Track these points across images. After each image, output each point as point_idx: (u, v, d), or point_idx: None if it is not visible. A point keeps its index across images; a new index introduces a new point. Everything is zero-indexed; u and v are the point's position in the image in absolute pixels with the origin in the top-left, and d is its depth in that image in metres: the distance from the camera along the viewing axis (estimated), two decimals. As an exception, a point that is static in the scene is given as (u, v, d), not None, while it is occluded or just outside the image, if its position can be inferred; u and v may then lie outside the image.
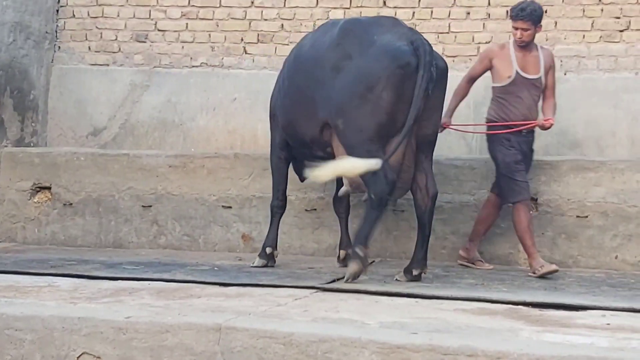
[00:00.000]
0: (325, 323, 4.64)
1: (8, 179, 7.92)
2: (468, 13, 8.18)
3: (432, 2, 8.22)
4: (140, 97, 8.75)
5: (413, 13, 8.26)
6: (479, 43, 8.11)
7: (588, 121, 7.71)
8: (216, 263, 6.78)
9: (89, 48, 8.91)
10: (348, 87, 5.94)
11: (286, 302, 5.20)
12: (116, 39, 8.85)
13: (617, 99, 7.86)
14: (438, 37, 8.17)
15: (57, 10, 8.95)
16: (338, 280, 5.99)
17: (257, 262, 6.61)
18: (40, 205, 7.86)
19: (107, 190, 7.73)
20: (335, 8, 8.35)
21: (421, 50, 5.82)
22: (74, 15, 8.94)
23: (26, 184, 7.89)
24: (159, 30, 8.76)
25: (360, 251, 5.78)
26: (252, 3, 8.59)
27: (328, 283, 5.86)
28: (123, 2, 8.83)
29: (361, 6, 8.34)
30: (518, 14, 6.59)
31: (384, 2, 8.32)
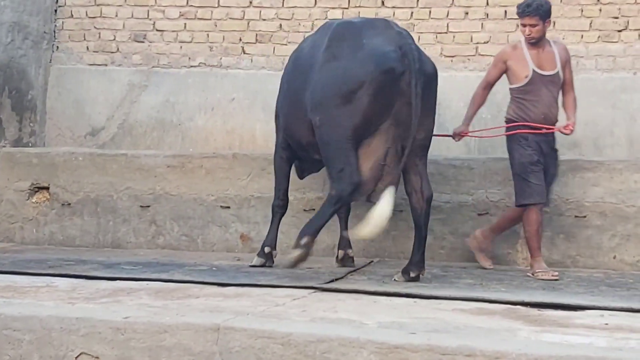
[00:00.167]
0: (323, 323, 4.64)
1: (6, 179, 7.92)
2: (466, 13, 8.18)
3: (431, 2, 8.22)
4: (138, 97, 8.75)
5: (411, 13, 8.26)
6: (478, 43, 8.12)
7: (586, 121, 7.71)
8: (214, 263, 6.78)
9: (87, 48, 8.91)
10: (329, 86, 5.95)
11: (284, 302, 5.20)
12: (114, 39, 8.85)
13: (616, 99, 7.86)
14: (436, 37, 8.17)
15: (55, 10, 8.95)
16: (336, 280, 6.00)
17: (256, 261, 6.62)
18: (38, 205, 7.86)
19: (106, 190, 7.73)
20: (333, 8, 8.35)
21: (410, 57, 5.81)
22: (72, 15, 8.94)
23: (24, 184, 7.88)
24: (157, 30, 8.76)
25: (305, 240, 5.83)
26: (251, 3, 8.59)
27: (326, 283, 5.86)
28: (121, 2, 8.83)
29: (359, 6, 8.33)
30: (524, 11, 6.49)
31: (382, 2, 8.32)
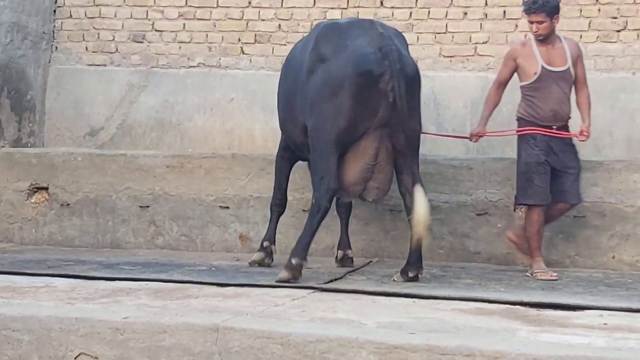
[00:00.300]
0: (322, 323, 4.64)
1: (5, 180, 7.92)
2: (465, 13, 8.18)
3: (430, 2, 8.22)
4: (137, 98, 8.75)
5: (410, 13, 8.26)
6: (476, 43, 8.12)
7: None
8: (214, 263, 6.78)
9: (86, 48, 8.91)
10: (316, 90, 5.97)
11: (284, 303, 5.21)
12: (113, 39, 8.85)
13: (614, 99, 7.86)
14: (435, 37, 8.17)
15: (55, 10, 8.95)
16: (336, 280, 6.00)
17: (255, 256, 6.65)
18: (37, 205, 7.86)
19: (105, 190, 7.73)
20: (332, 8, 8.35)
21: (390, 57, 5.77)
22: (71, 15, 8.94)
23: (23, 185, 7.88)
24: (156, 30, 8.76)
25: (295, 261, 5.82)
26: (250, 3, 8.59)
27: (325, 283, 5.86)
28: (120, 3, 8.83)
29: (358, 6, 8.33)
30: (530, 7, 6.43)
31: (381, 2, 8.32)
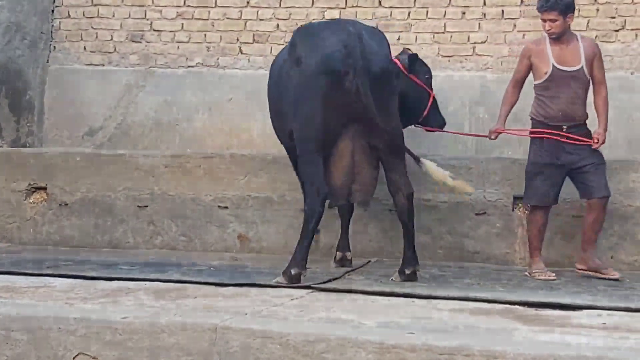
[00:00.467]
0: (321, 323, 4.64)
1: (4, 180, 7.91)
2: (464, 13, 8.18)
3: (428, 2, 8.22)
4: (136, 98, 8.75)
5: (409, 13, 8.26)
6: (475, 43, 8.12)
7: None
8: (212, 263, 6.78)
9: (85, 48, 8.91)
10: (294, 94, 5.96)
11: (282, 303, 5.21)
12: (112, 39, 8.85)
13: (613, 99, 7.79)
14: (433, 37, 8.17)
15: (53, 10, 8.95)
16: (334, 280, 5.99)
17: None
18: (36, 205, 7.85)
19: (103, 190, 7.72)
20: (330, 8, 8.35)
21: (354, 55, 5.73)
22: (70, 15, 8.94)
23: (22, 185, 7.87)
24: (155, 30, 8.76)
25: (294, 271, 5.78)
26: (248, 3, 8.59)
27: (324, 283, 5.86)
28: (118, 2, 8.83)
29: (356, 6, 8.34)
30: (542, 6, 6.35)
31: (380, 2, 8.32)
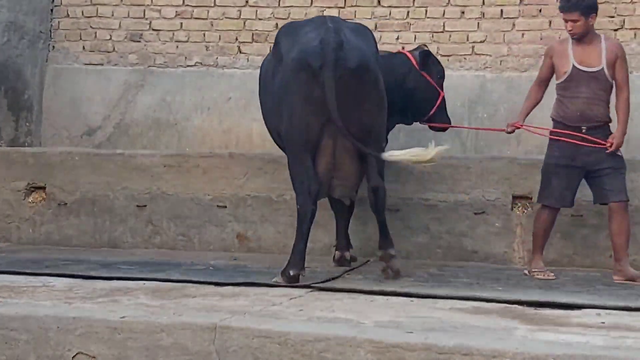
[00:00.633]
0: (320, 322, 4.64)
1: (2, 179, 7.90)
2: (462, 12, 8.19)
3: (427, 2, 8.22)
4: (134, 97, 8.75)
5: (408, 12, 8.26)
6: (474, 42, 8.12)
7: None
8: (211, 263, 6.77)
9: (84, 47, 8.91)
10: (277, 93, 5.99)
11: (281, 302, 5.21)
12: (110, 39, 8.85)
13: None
14: (432, 37, 8.18)
15: (52, 9, 8.95)
16: (333, 279, 6.00)
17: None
18: (34, 205, 7.85)
19: (102, 190, 7.72)
20: (329, 7, 8.35)
21: (326, 49, 5.71)
22: (68, 14, 8.94)
23: (20, 184, 7.87)
24: (154, 29, 8.76)
25: (293, 272, 5.78)
26: (247, 2, 8.59)
27: (323, 282, 5.86)
28: (117, 2, 8.83)
29: (355, 5, 8.34)
30: (564, 6, 6.28)
31: (379, 1, 8.32)
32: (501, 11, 8.10)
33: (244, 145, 8.38)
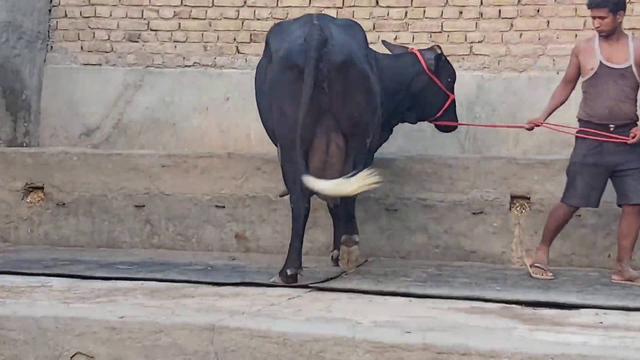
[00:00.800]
0: (318, 322, 4.64)
1: (1, 179, 7.90)
2: (461, 12, 8.19)
3: (425, 2, 8.22)
4: (133, 97, 8.74)
5: (406, 12, 8.27)
6: (472, 42, 8.12)
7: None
8: (209, 263, 6.78)
9: (82, 48, 8.91)
10: (268, 92, 6.03)
11: (280, 302, 5.21)
12: (109, 39, 8.84)
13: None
14: (430, 37, 8.18)
15: (50, 10, 8.94)
16: (331, 279, 6.00)
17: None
18: (33, 205, 7.85)
19: (100, 190, 7.72)
20: (328, 7, 8.35)
21: (308, 47, 5.72)
22: (67, 15, 8.93)
23: (19, 184, 7.87)
24: (152, 30, 8.76)
25: (290, 272, 5.79)
26: (245, 3, 8.59)
27: (321, 282, 5.86)
28: (115, 2, 8.82)
29: (354, 5, 8.34)
30: (593, 2, 6.21)
31: (377, 2, 8.32)
32: (499, 11, 8.10)
33: (242, 145, 8.37)
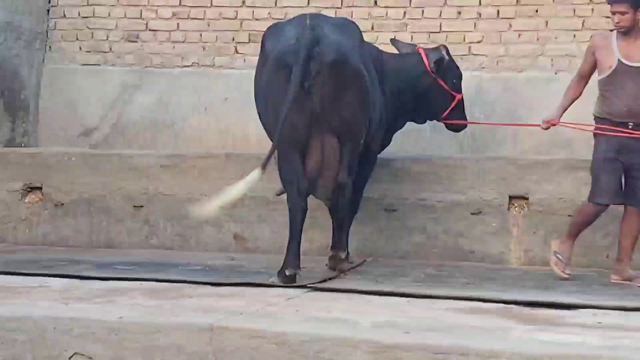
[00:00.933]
0: (317, 323, 4.64)
1: (-1, 180, 7.92)
2: (459, 13, 8.18)
3: (424, 2, 8.22)
4: (131, 97, 8.73)
5: (404, 13, 8.26)
6: (470, 43, 8.12)
7: (579, 120, 7.70)
8: (208, 263, 6.78)
9: (80, 48, 8.90)
10: (263, 93, 6.06)
11: (278, 302, 5.21)
12: (107, 39, 8.84)
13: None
14: (429, 37, 8.17)
15: (48, 10, 8.93)
16: (330, 279, 6.00)
17: None
18: (31, 205, 7.85)
19: (99, 190, 7.71)
20: (326, 8, 8.34)
21: (299, 46, 5.74)
22: (65, 15, 8.92)
23: (17, 185, 7.87)
24: (150, 30, 8.75)
25: (288, 272, 5.80)
26: (244, 3, 8.59)
27: (320, 282, 5.86)
28: (114, 2, 8.81)
29: (352, 6, 8.33)
30: None
31: (375, 2, 8.32)
32: (497, 11, 8.10)
33: (241, 145, 8.36)
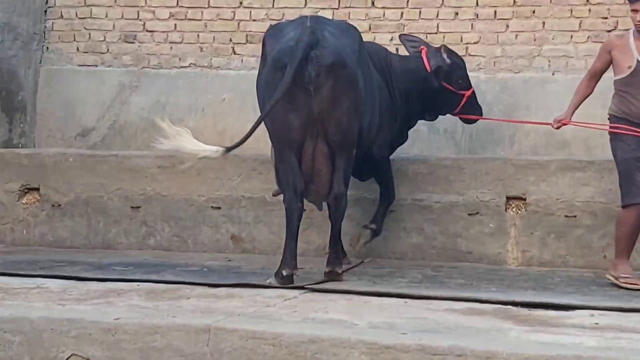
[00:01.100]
0: (314, 323, 4.65)
1: (-4, 180, 7.91)
2: (456, 13, 8.19)
3: (421, 3, 8.22)
4: (128, 98, 8.73)
5: (401, 13, 8.26)
6: (468, 43, 8.12)
7: (579, 120, 7.72)
8: (205, 264, 6.78)
9: (77, 49, 8.89)
10: (262, 93, 6.10)
11: (275, 303, 5.21)
12: (104, 40, 8.83)
13: (605, 99, 7.80)
14: (426, 38, 8.14)
15: (45, 11, 8.93)
16: (327, 280, 5.99)
17: None
18: (28, 206, 7.84)
19: (96, 191, 7.71)
20: (323, 8, 8.34)
21: (297, 47, 5.75)
22: (62, 16, 8.92)
23: (14, 185, 7.86)
24: (148, 31, 8.75)
25: (285, 272, 5.80)
26: (241, 4, 8.59)
27: (317, 283, 5.86)
28: (111, 3, 8.81)
29: (350, 6, 8.33)
30: None
31: (373, 3, 8.32)
32: (495, 12, 8.10)
33: (239, 146, 8.36)
